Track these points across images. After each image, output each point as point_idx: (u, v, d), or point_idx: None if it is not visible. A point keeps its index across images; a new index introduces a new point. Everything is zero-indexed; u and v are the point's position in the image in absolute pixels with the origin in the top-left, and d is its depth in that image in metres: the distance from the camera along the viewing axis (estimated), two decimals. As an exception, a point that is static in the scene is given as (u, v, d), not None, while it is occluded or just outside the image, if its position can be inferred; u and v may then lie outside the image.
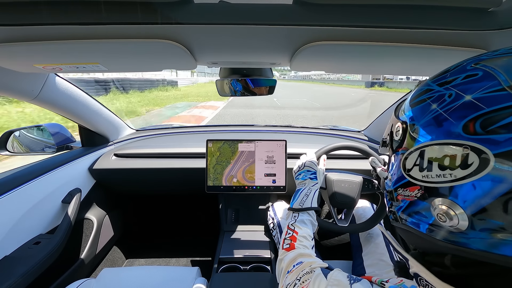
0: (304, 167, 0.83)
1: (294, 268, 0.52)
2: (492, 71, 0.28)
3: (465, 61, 0.33)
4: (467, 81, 0.29)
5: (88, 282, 0.75)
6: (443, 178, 0.29)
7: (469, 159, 0.27)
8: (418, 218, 0.33)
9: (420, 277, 0.35)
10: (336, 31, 0.47)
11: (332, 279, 0.43)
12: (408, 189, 0.34)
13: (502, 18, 0.43)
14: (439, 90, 0.32)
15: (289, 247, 0.60)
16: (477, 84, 0.28)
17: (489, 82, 0.27)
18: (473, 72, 0.30)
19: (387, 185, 0.40)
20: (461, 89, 0.29)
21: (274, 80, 0.89)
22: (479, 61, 0.31)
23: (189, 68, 0.69)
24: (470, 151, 0.27)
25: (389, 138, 0.40)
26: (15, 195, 0.84)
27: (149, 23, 0.44)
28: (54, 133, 1.12)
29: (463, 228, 0.28)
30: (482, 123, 0.26)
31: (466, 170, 0.27)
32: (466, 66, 0.31)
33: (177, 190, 1.41)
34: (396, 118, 0.39)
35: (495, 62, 0.29)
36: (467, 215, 0.27)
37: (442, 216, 0.29)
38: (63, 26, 0.45)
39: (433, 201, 0.30)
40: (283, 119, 7.71)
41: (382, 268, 0.80)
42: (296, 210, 0.71)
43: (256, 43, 0.55)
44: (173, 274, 0.79)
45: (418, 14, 0.43)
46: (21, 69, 0.70)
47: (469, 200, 0.27)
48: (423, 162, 0.31)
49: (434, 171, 0.30)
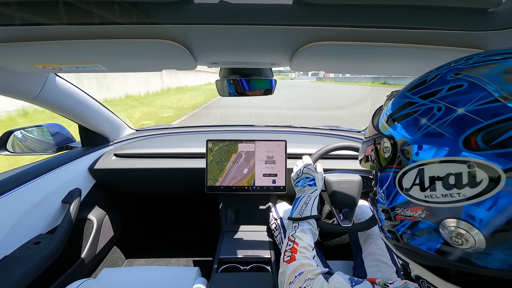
0: (302, 174, 0.83)
1: (296, 278, 0.52)
2: (477, 81, 0.27)
3: (439, 70, 0.32)
4: (453, 93, 0.28)
5: (88, 282, 0.74)
6: (450, 198, 0.27)
7: (477, 177, 0.25)
8: (424, 239, 0.31)
9: (422, 280, 0.34)
10: (336, 31, 0.47)
11: (333, 282, 0.43)
12: (410, 209, 0.32)
13: (502, 18, 0.43)
14: (424, 103, 0.30)
15: (290, 259, 0.60)
16: (466, 96, 0.27)
17: (478, 93, 0.26)
18: (456, 83, 0.29)
19: (380, 202, 0.38)
20: (450, 101, 0.28)
21: (274, 80, 0.89)
22: (458, 70, 0.30)
23: (189, 68, 0.69)
24: (476, 168, 0.25)
25: (374, 154, 0.37)
26: (15, 195, 0.84)
27: (149, 23, 0.44)
28: (54, 133, 1.12)
29: (481, 249, 0.26)
30: (483, 137, 0.25)
31: (476, 188, 0.25)
32: (445, 76, 0.30)
33: (177, 190, 1.41)
34: (378, 131, 0.37)
35: (478, 72, 0.28)
36: (483, 236, 0.25)
37: (456, 239, 0.27)
38: (63, 26, 0.45)
39: (442, 222, 0.28)
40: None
41: (383, 270, 0.79)
42: (296, 219, 0.71)
43: (256, 43, 0.55)
44: (173, 274, 0.79)
45: (418, 15, 0.43)
46: (21, 69, 0.70)
47: (485, 220, 0.25)
48: (424, 181, 0.29)
49: (438, 190, 0.28)
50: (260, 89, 0.89)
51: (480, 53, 0.31)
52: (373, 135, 0.39)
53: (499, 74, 0.27)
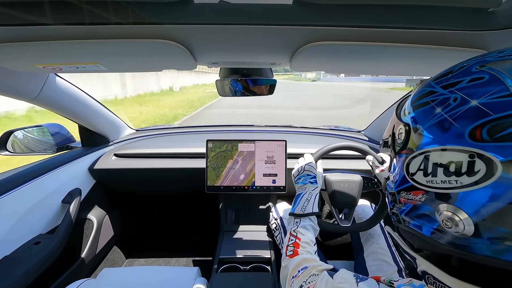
0: (303, 171, 0.83)
1: (300, 273, 0.52)
2: (499, 74, 0.27)
3: (468, 62, 0.32)
4: (472, 85, 0.29)
5: (88, 282, 0.74)
6: (448, 184, 0.29)
7: (476, 166, 0.26)
8: (421, 222, 0.33)
9: (428, 275, 0.35)
10: (336, 31, 0.47)
11: (338, 277, 0.43)
12: (412, 193, 0.33)
13: (502, 18, 0.43)
14: (443, 93, 0.31)
15: (293, 253, 0.60)
16: (484, 88, 0.27)
17: (496, 86, 0.27)
18: (478, 75, 0.29)
19: (389, 187, 0.40)
20: (467, 93, 0.28)
21: (274, 80, 0.89)
22: (485, 63, 0.30)
23: (189, 68, 0.69)
24: (476, 158, 0.26)
25: (391, 139, 0.39)
26: (15, 195, 0.84)
27: (149, 23, 0.44)
28: (54, 133, 1.11)
29: (469, 234, 0.27)
30: (489, 130, 0.26)
31: (473, 177, 0.27)
32: (470, 68, 0.30)
33: (177, 190, 1.41)
34: (398, 119, 0.38)
35: (502, 65, 0.28)
36: (473, 222, 0.27)
37: (447, 222, 0.29)
38: (63, 26, 0.45)
39: (438, 206, 0.30)
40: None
41: (385, 269, 0.79)
42: (297, 215, 0.71)
43: (256, 43, 0.55)
44: (173, 274, 0.79)
45: (418, 15, 0.43)
46: (21, 69, 0.70)
47: (476, 207, 0.27)
48: (428, 167, 0.31)
49: (439, 176, 0.29)
50: (265, 85, 0.90)
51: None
52: (394, 122, 0.41)
53: None
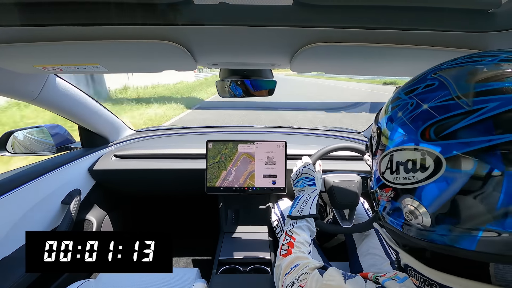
0: (301, 174, 0.84)
1: (292, 270, 0.53)
2: (445, 81, 0.31)
3: (427, 70, 0.35)
4: (425, 91, 0.32)
5: (87, 283, 0.74)
6: (408, 180, 0.32)
7: (427, 163, 0.30)
8: (394, 217, 0.36)
9: (409, 268, 0.36)
10: (336, 33, 0.47)
11: (327, 275, 0.45)
12: (384, 190, 0.37)
13: (502, 19, 0.43)
14: (404, 99, 0.35)
15: (286, 253, 0.61)
16: (433, 93, 0.31)
17: (442, 91, 0.30)
18: (431, 81, 0.32)
19: (370, 186, 0.43)
20: (421, 98, 0.32)
21: (274, 81, 0.89)
22: (438, 70, 0.33)
23: (189, 69, 0.69)
24: (426, 156, 0.30)
25: (369, 142, 0.43)
26: (15, 196, 0.84)
27: (149, 24, 0.44)
28: (54, 134, 1.12)
29: (428, 225, 0.30)
30: (435, 130, 0.29)
31: (425, 173, 0.30)
32: (427, 75, 0.34)
33: (177, 191, 1.40)
34: (374, 122, 0.42)
35: (449, 72, 0.32)
36: (429, 214, 0.30)
37: (409, 215, 0.32)
38: (63, 27, 0.45)
39: (402, 201, 0.33)
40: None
41: (377, 262, 0.81)
42: (294, 217, 0.72)
43: (256, 45, 0.55)
44: (173, 275, 0.79)
45: (418, 16, 0.43)
46: (21, 70, 0.70)
47: (430, 200, 0.30)
48: (393, 165, 0.34)
49: (401, 173, 0.33)
50: (264, 89, 0.90)
51: (465, 55, 0.34)
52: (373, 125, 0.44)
53: (463, 76, 0.30)
